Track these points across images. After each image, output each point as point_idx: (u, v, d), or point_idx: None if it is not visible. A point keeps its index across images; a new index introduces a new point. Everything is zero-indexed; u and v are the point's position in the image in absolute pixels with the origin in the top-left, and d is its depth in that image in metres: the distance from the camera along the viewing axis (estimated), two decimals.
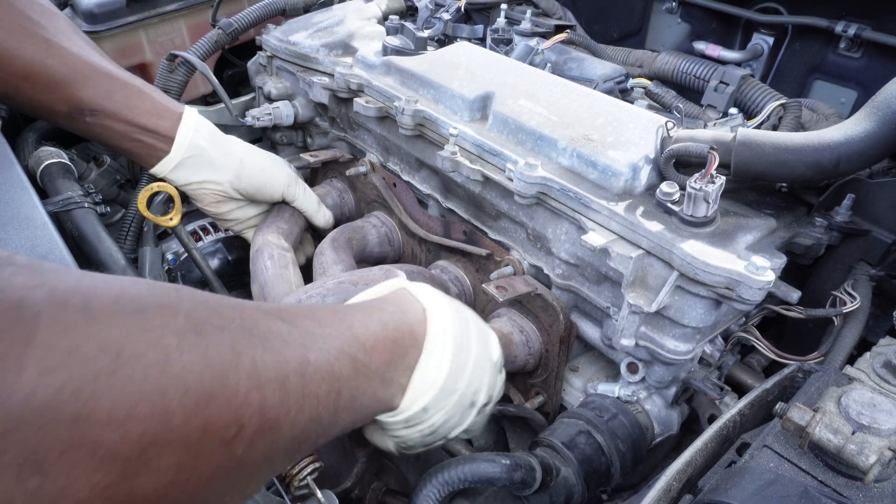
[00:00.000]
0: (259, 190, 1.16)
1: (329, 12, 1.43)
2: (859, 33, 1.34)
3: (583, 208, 0.87)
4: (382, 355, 0.62)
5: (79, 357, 0.36)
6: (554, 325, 0.95)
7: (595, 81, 1.19)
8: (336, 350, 0.56)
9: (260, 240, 1.14)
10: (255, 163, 1.16)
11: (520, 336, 0.98)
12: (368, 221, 1.25)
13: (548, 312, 0.95)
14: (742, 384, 0.97)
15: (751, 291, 0.73)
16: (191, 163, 1.09)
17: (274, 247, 1.12)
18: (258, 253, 1.11)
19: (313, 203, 1.25)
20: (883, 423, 0.57)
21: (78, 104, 0.97)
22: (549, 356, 0.98)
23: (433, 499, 0.67)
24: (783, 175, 0.82)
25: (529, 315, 0.99)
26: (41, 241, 0.77)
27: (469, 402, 0.74)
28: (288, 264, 1.10)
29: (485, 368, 0.76)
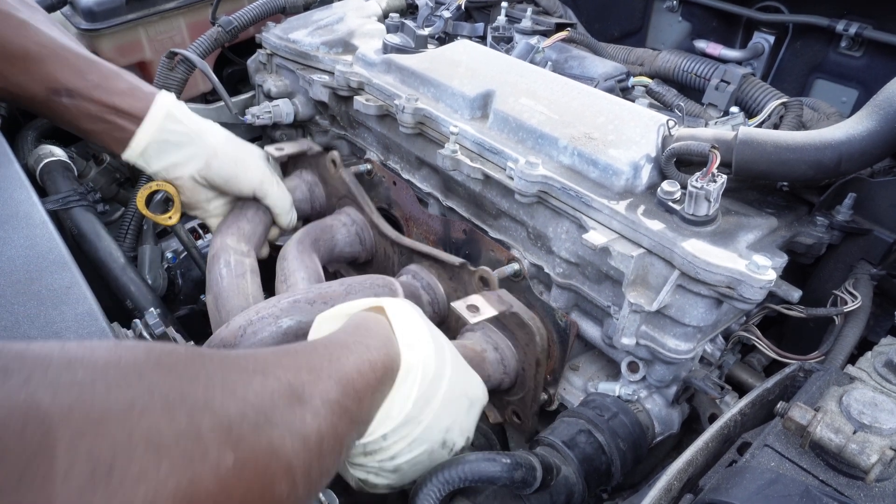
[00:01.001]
0: (228, 182, 1.09)
1: (329, 10, 1.42)
2: (860, 32, 1.33)
3: (584, 207, 0.87)
4: (368, 399, 0.61)
5: None
6: (530, 345, 0.91)
7: (596, 80, 1.19)
8: (335, 405, 0.54)
9: (218, 243, 1.07)
10: (228, 153, 1.09)
11: (494, 354, 0.94)
12: (338, 219, 1.19)
13: (525, 330, 0.91)
14: (743, 383, 0.96)
15: (752, 290, 0.73)
16: (159, 147, 1.03)
17: (231, 252, 1.05)
18: (214, 259, 1.04)
19: (285, 204, 1.18)
20: (884, 422, 0.57)
21: (54, 84, 0.95)
22: (526, 376, 0.94)
23: (433, 498, 0.67)
24: (784, 174, 0.82)
25: (506, 331, 0.95)
26: (40, 240, 0.77)
27: (440, 441, 0.70)
28: (245, 272, 1.03)
29: (460, 406, 0.73)
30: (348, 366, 0.59)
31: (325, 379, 0.55)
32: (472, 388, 0.77)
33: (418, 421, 0.67)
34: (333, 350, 0.61)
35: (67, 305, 0.69)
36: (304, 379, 0.52)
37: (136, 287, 1.08)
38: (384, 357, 0.64)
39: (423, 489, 0.68)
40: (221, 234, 1.09)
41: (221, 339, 0.84)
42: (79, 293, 0.70)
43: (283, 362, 0.53)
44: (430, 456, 0.70)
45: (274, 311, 0.87)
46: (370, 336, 0.66)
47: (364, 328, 0.68)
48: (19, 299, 0.69)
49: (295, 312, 0.88)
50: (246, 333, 0.84)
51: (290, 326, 0.87)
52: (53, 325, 0.66)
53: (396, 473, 0.69)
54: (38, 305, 0.68)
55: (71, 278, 0.72)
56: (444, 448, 0.71)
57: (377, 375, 0.62)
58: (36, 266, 0.73)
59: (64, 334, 0.65)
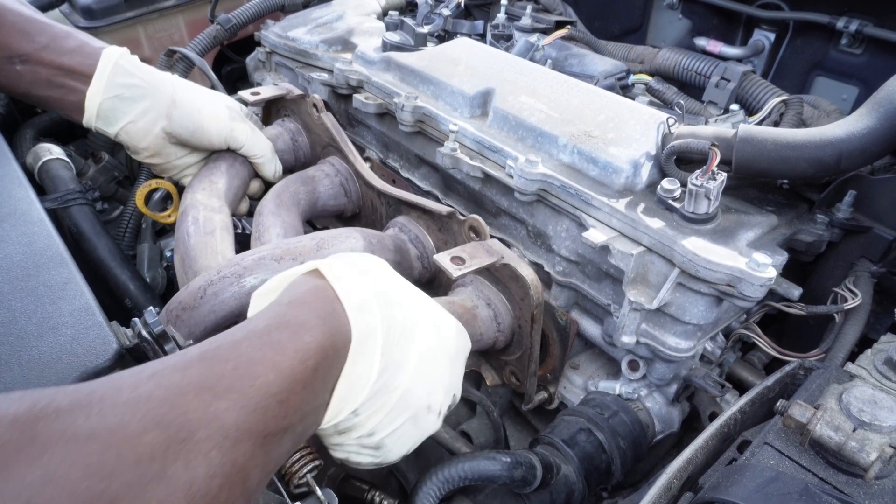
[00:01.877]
0: (194, 134, 1.00)
1: (328, 8, 1.42)
2: (861, 29, 1.33)
3: (583, 205, 0.87)
4: (300, 395, 0.52)
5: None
6: (525, 299, 0.83)
7: (596, 78, 1.19)
8: (235, 431, 0.45)
9: (188, 199, 0.97)
10: (188, 101, 1.00)
11: (487, 310, 0.86)
12: (321, 170, 1.10)
13: (518, 284, 0.82)
14: (743, 381, 0.96)
15: (752, 288, 0.73)
16: (112, 105, 0.96)
17: (200, 208, 0.95)
18: (182, 216, 0.95)
19: (265, 152, 1.08)
20: (884, 420, 0.57)
21: (6, 51, 0.91)
22: (523, 333, 0.86)
23: (433, 496, 0.67)
24: (785, 171, 0.81)
25: (499, 284, 0.87)
26: (38, 237, 0.77)
27: (424, 406, 0.63)
28: (214, 230, 0.93)
29: (440, 364, 0.65)
30: (261, 366, 0.49)
31: (221, 397, 0.45)
32: (450, 340, 0.68)
33: (392, 388, 0.60)
34: (242, 348, 0.51)
35: (64, 301, 0.68)
36: (186, 408, 0.43)
37: (135, 285, 1.07)
38: (322, 336, 0.54)
39: (423, 488, 0.68)
40: (192, 189, 1.00)
41: (180, 302, 0.78)
42: (76, 289, 0.70)
43: (156, 393, 0.44)
44: (416, 424, 0.63)
45: (237, 269, 0.79)
46: (303, 312, 0.56)
47: (297, 303, 0.57)
48: (17, 295, 0.68)
49: (260, 270, 0.79)
50: (206, 294, 0.77)
51: (255, 286, 0.77)
52: (50, 321, 0.66)
53: (381, 450, 0.63)
54: (36, 301, 0.68)
55: (68, 274, 0.72)
56: (431, 412, 0.64)
57: (310, 363, 0.52)
58: (33, 263, 0.73)
59: (61, 329, 0.65)
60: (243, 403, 0.46)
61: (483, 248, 0.81)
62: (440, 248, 0.96)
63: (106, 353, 0.63)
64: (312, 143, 1.17)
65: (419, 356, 0.62)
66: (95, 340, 0.64)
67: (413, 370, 0.61)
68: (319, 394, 0.55)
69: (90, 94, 0.94)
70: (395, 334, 0.60)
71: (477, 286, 0.88)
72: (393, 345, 0.60)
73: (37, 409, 0.39)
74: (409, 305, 0.64)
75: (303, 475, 0.69)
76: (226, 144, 1.04)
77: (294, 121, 1.19)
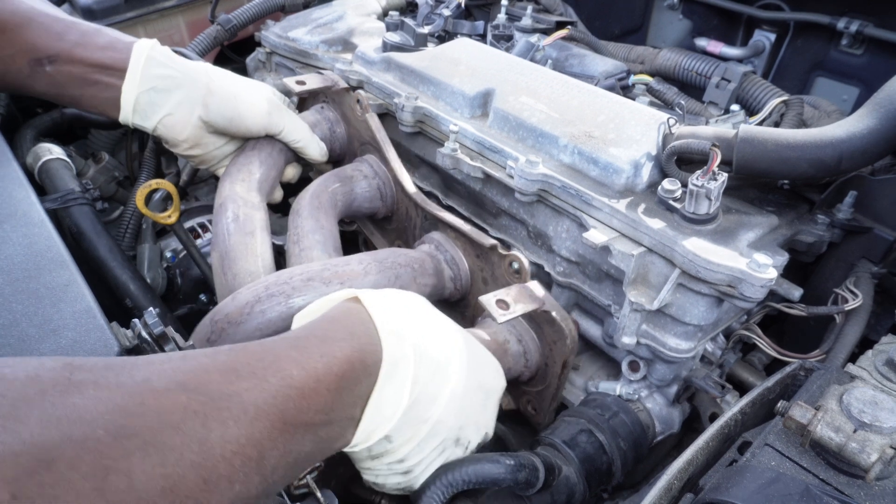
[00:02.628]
0: (232, 121, 0.98)
1: (328, 8, 1.42)
2: (861, 30, 1.33)
3: (584, 206, 0.87)
4: (325, 396, 0.53)
5: None
6: (559, 344, 0.86)
7: (596, 78, 1.18)
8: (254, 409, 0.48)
9: (225, 190, 0.95)
10: (225, 88, 0.98)
11: (517, 346, 0.88)
12: (359, 169, 1.08)
13: (554, 328, 0.85)
14: (743, 382, 0.96)
15: (753, 289, 0.72)
16: (149, 98, 0.95)
17: (241, 203, 0.94)
18: (221, 210, 0.94)
19: (304, 132, 1.06)
20: (885, 421, 0.57)
21: (35, 53, 0.90)
22: (549, 372, 0.89)
23: (437, 500, 0.67)
24: (785, 172, 0.81)
25: (532, 323, 0.89)
26: (39, 238, 0.77)
27: (453, 439, 0.65)
28: (255, 230, 0.92)
29: (474, 400, 0.67)
30: (285, 361, 0.52)
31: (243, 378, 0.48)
32: (488, 377, 0.69)
33: (424, 419, 0.62)
34: (269, 346, 0.54)
35: (65, 303, 0.68)
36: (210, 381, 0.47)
37: (136, 286, 1.07)
38: (350, 349, 0.56)
39: (427, 492, 0.67)
40: (230, 178, 0.97)
41: (226, 315, 0.79)
42: (77, 291, 0.70)
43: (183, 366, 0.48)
44: (443, 455, 0.66)
45: (285, 288, 0.80)
46: (334, 326, 0.59)
47: (330, 319, 0.61)
48: (18, 297, 0.68)
49: (308, 291, 0.80)
50: (253, 311, 0.78)
51: (301, 307, 0.79)
52: (51, 323, 0.66)
53: (409, 475, 0.65)
54: (37, 303, 0.68)
55: (69, 276, 0.72)
56: (458, 446, 0.67)
57: (335, 370, 0.54)
58: (34, 264, 0.73)
59: (62, 332, 0.65)
60: (264, 387, 0.49)
61: (526, 293, 0.83)
62: (474, 273, 0.97)
63: (107, 355, 0.63)
64: (350, 136, 1.15)
65: (452, 392, 0.64)
66: (97, 343, 0.64)
67: (446, 404, 0.63)
68: (347, 405, 0.56)
69: (126, 89, 0.93)
70: (428, 367, 0.62)
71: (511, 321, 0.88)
72: (426, 377, 0.62)
73: (75, 363, 0.44)
74: (445, 342, 0.66)
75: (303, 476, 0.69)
76: (264, 131, 1.02)
77: (333, 110, 1.16)
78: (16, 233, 0.77)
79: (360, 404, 0.58)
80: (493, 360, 0.73)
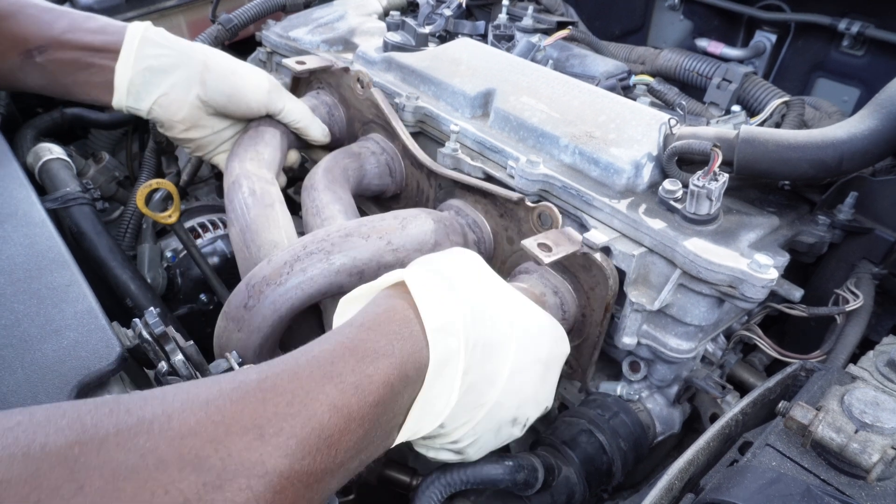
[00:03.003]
0: (231, 98, 0.95)
1: (329, 8, 1.42)
2: (862, 31, 1.33)
3: (585, 206, 0.87)
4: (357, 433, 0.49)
5: None
6: (597, 289, 0.81)
7: (597, 78, 1.18)
8: (277, 477, 0.44)
9: (236, 169, 0.92)
10: (223, 65, 0.95)
11: (554, 298, 0.83)
12: (366, 147, 1.05)
13: (590, 273, 0.81)
14: (744, 383, 0.96)
15: (754, 289, 0.72)
16: (144, 79, 0.91)
17: (255, 179, 0.91)
18: (235, 186, 0.91)
19: (305, 113, 1.02)
20: (886, 421, 0.57)
21: (25, 44, 0.88)
22: (587, 322, 0.85)
23: (435, 500, 0.67)
24: (786, 173, 0.81)
25: (566, 273, 0.84)
26: (40, 238, 0.77)
27: (510, 419, 0.63)
28: (274, 202, 0.90)
29: (532, 376, 0.63)
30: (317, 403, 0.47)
31: (268, 441, 0.44)
32: (548, 346, 0.65)
33: (480, 404, 0.59)
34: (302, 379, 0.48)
35: (67, 303, 0.68)
36: (231, 449, 0.42)
37: (136, 286, 1.07)
38: (389, 367, 0.52)
39: (425, 492, 0.67)
40: (238, 158, 0.94)
41: (264, 277, 0.75)
42: (78, 291, 0.70)
43: (203, 429, 0.42)
44: (498, 435, 0.63)
45: (324, 245, 0.76)
46: (374, 337, 0.54)
47: (371, 326, 0.55)
48: (19, 297, 0.68)
49: (348, 248, 0.77)
50: (294, 270, 0.75)
51: (344, 264, 0.76)
52: (53, 323, 0.66)
53: (463, 453, 0.63)
54: (38, 303, 0.68)
55: (70, 276, 0.72)
56: (515, 425, 0.64)
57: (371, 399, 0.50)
58: (35, 264, 0.73)
59: (64, 332, 0.65)
60: (292, 448, 0.45)
61: (565, 236, 0.79)
62: (499, 233, 0.92)
63: (109, 356, 0.63)
64: (350, 118, 1.12)
65: (510, 371, 0.60)
66: (98, 344, 0.64)
67: (503, 386, 0.60)
68: (383, 424, 0.53)
69: (119, 70, 0.90)
70: (482, 352, 0.58)
71: (542, 274, 0.85)
72: (480, 362, 0.58)
73: (84, 437, 0.39)
74: (500, 316, 0.61)
75: None
76: (265, 109, 0.99)
77: (330, 94, 1.13)
78: (17, 233, 0.77)
79: (402, 413, 0.55)
80: (554, 323, 0.68)
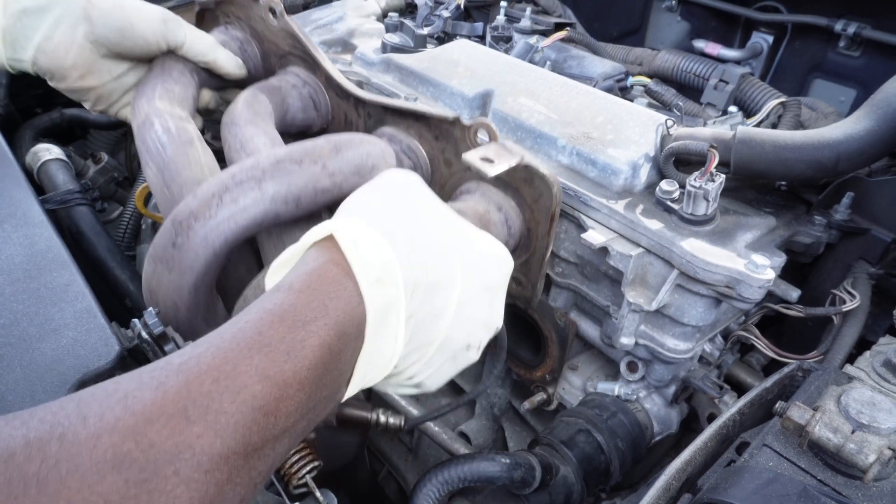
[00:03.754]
0: (124, 32, 0.85)
1: (328, 9, 1.42)
2: (859, 32, 1.34)
3: (582, 206, 0.87)
4: (296, 397, 0.46)
5: None
6: (541, 200, 0.79)
7: (595, 79, 1.19)
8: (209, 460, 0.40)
9: (145, 107, 0.84)
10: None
11: (498, 215, 0.81)
12: (285, 80, 0.97)
13: (533, 186, 0.79)
14: (742, 383, 0.97)
15: (751, 290, 0.73)
16: (19, 23, 0.81)
17: (167, 116, 0.83)
18: (146, 125, 0.82)
19: (212, 44, 0.93)
20: (882, 422, 0.57)
21: None
22: (533, 235, 0.83)
23: (433, 498, 0.67)
24: (783, 173, 0.82)
25: (508, 189, 0.82)
26: (39, 239, 0.77)
27: (464, 346, 0.61)
28: (192, 140, 0.82)
29: (480, 305, 0.61)
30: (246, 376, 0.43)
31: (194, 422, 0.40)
32: (493, 271, 0.63)
33: (429, 342, 0.57)
34: (228, 354, 0.44)
35: (66, 303, 0.68)
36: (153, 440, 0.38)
37: (135, 285, 1.07)
38: (324, 330, 0.48)
39: (422, 490, 0.68)
40: (145, 96, 0.85)
41: (191, 212, 0.69)
42: (77, 290, 0.70)
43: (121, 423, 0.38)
44: (455, 362, 0.62)
45: (254, 173, 0.70)
46: (304, 300, 0.50)
47: (301, 289, 0.51)
48: (18, 297, 0.68)
49: (281, 174, 0.71)
50: (223, 202, 0.69)
51: (278, 191, 0.71)
52: (52, 323, 0.66)
53: (420, 386, 0.62)
54: (37, 303, 0.68)
55: (70, 276, 0.72)
56: (470, 350, 0.63)
57: (307, 363, 0.46)
58: (35, 264, 0.73)
59: (62, 331, 0.65)
60: (221, 425, 0.41)
61: (505, 149, 0.76)
62: (435, 157, 0.87)
63: (108, 355, 0.64)
64: (265, 53, 1.03)
65: (457, 305, 0.58)
66: (97, 343, 0.65)
67: (451, 319, 0.58)
68: (328, 383, 0.49)
69: None
70: (425, 291, 0.56)
71: (484, 192, 0.82)
72: (425, 302, 0.56)
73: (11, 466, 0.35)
74: (442, 250, 0.58)
75: (302, 476, 0.69)
76: (164, 42, 0.88)
77: (240, 29, 1.03)
78: (16, 233, 0.77)
79: (347, 368, 0.52)
80: (496, 246, 0.65)
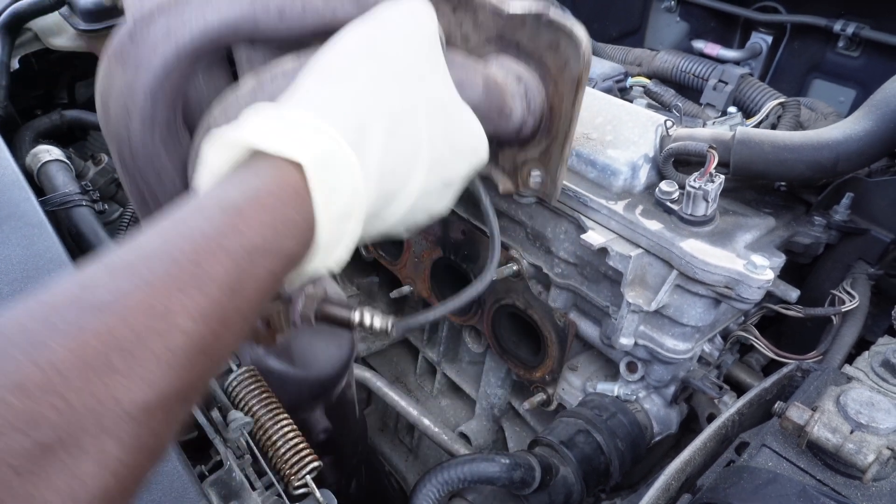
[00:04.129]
0: None
1: None
2: (858, 32, 1.34)
3: (582, 207, 0.87)
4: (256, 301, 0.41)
5: None
6: (566, 68, 0.68)
7: (594, 80, 1.19)
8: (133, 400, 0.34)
9: None
10: None
11: (517, 86, 0.72)
12: None
13: (558, 52, 0.68)
14: (741, 383, 0.97)
15: (750, 290, 0.73)
16: None
17: None
18: None
19: None
20: (881, 422, 0.57)
21: None
22: (555, 114, 0.73)
23: (432, 498, 0.67)
24: (782, 174, 0.82)
25: (531, 59, 0.72)
26: (38, 240, 0.77)
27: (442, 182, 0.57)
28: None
29: (436, 197, 0.57)
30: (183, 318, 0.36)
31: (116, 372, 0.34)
32: (456, 167, 0.59)
33: (382, 218, 0.53)
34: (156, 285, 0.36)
35: None
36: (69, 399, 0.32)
37: None
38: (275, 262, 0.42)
39: (422, 490, 0.68)
40: None
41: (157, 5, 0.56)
42: None
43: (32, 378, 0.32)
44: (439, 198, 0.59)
45: None
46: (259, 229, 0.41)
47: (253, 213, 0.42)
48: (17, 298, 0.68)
49: None
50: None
51: None
52: None
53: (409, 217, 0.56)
54: None
55: None
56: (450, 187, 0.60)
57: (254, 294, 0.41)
58: (34, 265, 0.73)
59: None
60: (153, 371, 0.35)
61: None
62: (453, 33, 0.77)
63: None
64: None
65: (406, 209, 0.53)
66: None
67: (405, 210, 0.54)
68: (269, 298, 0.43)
69: None
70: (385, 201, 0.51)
71: (501, 63, 0.73)
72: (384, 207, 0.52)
73: None
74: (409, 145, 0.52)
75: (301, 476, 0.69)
76: None
77: None
78: (15, 234, 0.77)
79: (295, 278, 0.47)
80: (472, 131, 0.60)
